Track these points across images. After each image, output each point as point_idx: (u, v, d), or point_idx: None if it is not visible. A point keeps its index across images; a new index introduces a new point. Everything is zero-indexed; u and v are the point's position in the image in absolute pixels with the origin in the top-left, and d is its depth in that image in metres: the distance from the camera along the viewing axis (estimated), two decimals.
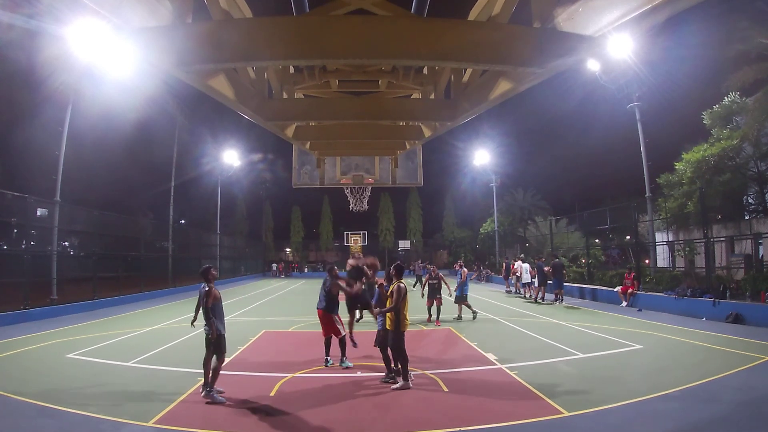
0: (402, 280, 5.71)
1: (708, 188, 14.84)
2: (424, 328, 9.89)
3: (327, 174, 14.84)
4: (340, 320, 6.66)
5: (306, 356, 7.10)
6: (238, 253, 35.43)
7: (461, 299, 11.01)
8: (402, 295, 5.49)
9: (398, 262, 6.27)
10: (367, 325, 9.11)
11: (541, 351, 7.45)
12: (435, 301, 10.63)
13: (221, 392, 5.14)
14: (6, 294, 11.34)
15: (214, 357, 5.21)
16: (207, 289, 5.33)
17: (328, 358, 6.55)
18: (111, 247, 16.68)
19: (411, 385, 5.42)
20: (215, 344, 5.21)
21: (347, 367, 6.35)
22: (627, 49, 11.57)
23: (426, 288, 11.23)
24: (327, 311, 6.50)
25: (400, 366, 5.52)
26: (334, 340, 6.55)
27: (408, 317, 5.64)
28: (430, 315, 10.77)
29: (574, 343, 7.96)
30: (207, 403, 4.94)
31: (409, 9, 5.96)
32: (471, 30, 5.03)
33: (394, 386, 5.42)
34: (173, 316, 12.34)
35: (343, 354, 6.50)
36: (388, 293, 5.67)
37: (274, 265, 39.35)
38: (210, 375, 5.12)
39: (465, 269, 11.42)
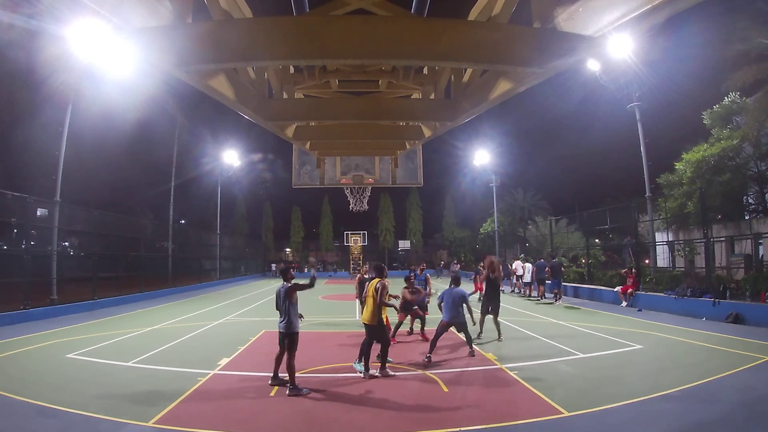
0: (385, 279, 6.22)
1: (708, 188, 14.85)
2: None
3: (327, 174, 14.84)
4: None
5: (306, 356, 7.08)
6: (238, 253, 35.44)
7: (422, 308, 8.70)
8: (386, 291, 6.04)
9: (381, 263, 6.79)
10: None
11: (541, 351, 7.45)
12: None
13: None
14: (6, 294, 11.33)
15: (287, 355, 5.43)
16: (289, 287, 5.54)
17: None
18: (111, 247, 16.68)
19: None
20: (291, 341, 5.43)
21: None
22: (627, 49, 11.56)
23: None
24: None
25: (381, 355, 6.00)
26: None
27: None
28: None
29: (574, 343, 7.96)
30: (290, 395, 5.13)
31: (409, 9, 5.96)
32: (471, 30, 5.03)
33: (376, 373, 5.86)
34: (173, 316, 12.34)
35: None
36: (371, 290, 6.11)
37: (274, 266, 39.35)
38: (289, 374, 5.32)
39: (428, 273, 9.87)
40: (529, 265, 17.29)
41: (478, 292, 14.48)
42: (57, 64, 12.26)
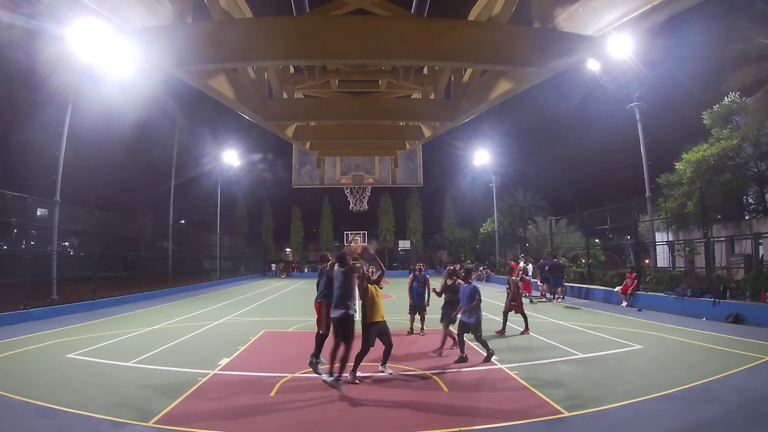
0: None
1: (708, 188, 14.84)
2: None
3: (327, 174, 14.84)
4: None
5: (306, 356, 7.08)
6: (238, 253, 35.44)
7: (421, 309, 8.99)
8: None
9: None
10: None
11: (541, 351, 7.45)
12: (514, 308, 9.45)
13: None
14: (6, 294, 11.34)
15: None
16: (350, 270, 5.60)
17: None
18: (111, 247, 16.69)
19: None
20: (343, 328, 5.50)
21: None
22: (627, 49, 11.57)
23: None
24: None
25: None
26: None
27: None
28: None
29: (574, 343, 7.96)
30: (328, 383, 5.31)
31: (409, 9, 5.95)
32: (471, 30, 5.02)
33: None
34: (173, 316, 12.34)
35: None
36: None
37: (274, 266, 39.35)
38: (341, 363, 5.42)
39: (427, 275, 9.25)
40: (530, 266, 17.29)
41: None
42: (57, 64, 12.27)
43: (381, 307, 5.98)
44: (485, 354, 6.73)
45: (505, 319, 9.33)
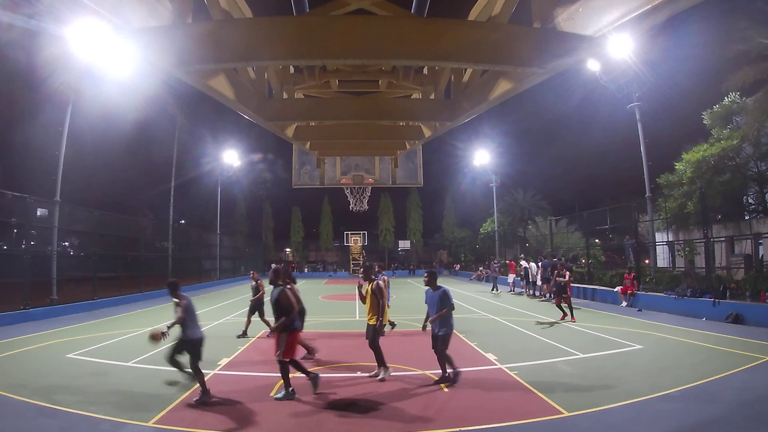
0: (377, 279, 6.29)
1: (708, 188, 14.84)
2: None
3: (327, 174, 14.85)
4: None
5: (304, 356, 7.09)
6: (238, 253, 35.41)
7: None
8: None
9: (368, 263, 6.67)
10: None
11: (541, 351, 7.45)
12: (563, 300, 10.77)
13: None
14: (6, 294, 11.33)
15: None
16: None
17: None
18: (111, 247, 16.68)
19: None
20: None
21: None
22: (627, 49, 11.55)
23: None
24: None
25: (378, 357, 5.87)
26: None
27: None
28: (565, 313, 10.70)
29: (574, 343, 7.96)
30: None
31: (409, 9, 5.97)
32: (471, 30, 5.03)
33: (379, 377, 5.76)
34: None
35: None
36: (367, 292, 6.12)
37: (274, 265, 39.32)
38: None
39: (385, 275, 9.16)
40: (533, 265, 17.29)
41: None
42: (57, 64, 12.26)
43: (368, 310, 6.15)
44: (440, 374, 5.64)
45: (571, 308, 10.68)
